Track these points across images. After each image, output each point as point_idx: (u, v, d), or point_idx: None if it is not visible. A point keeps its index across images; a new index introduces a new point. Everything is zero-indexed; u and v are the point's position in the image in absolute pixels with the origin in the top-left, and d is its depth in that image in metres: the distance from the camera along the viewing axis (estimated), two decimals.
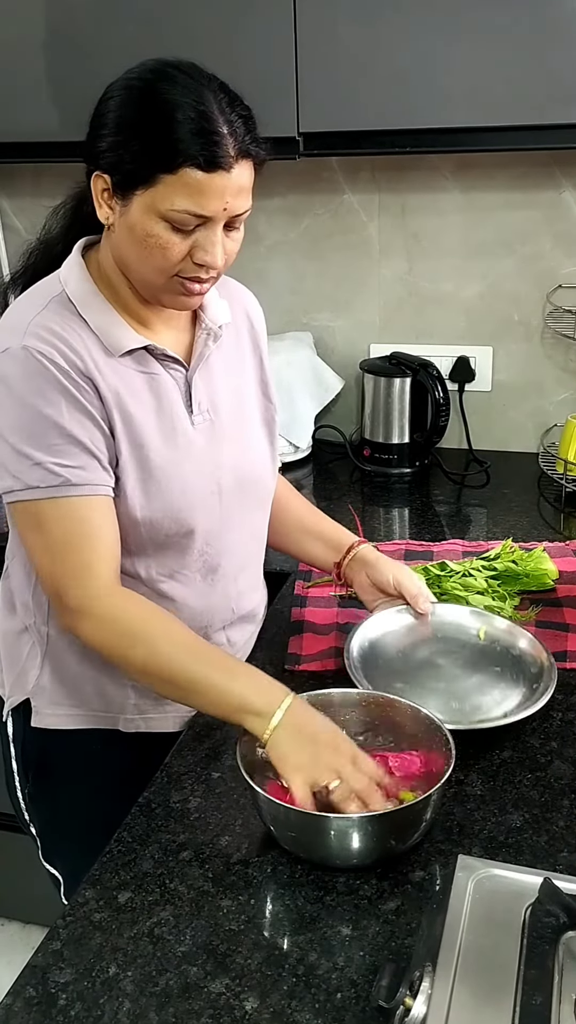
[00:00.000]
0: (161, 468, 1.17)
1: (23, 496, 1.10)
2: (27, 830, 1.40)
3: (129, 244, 1.09)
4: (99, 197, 1.09)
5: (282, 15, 1.65)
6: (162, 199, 1.03)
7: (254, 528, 1.34)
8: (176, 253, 1.07)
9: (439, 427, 2.05)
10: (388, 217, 2.11)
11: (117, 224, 1.09)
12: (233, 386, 1.28)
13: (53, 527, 1.10)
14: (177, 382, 1.20)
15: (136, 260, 1.10)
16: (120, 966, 0.88)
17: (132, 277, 1.14)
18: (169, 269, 1.09)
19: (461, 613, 1.32)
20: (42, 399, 1.08)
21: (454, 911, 0.83)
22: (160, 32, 1.72)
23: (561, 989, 0.75)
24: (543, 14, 1.55)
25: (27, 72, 1.82)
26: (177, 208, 1.04)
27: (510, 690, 1.19)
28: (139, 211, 1.05)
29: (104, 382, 1.12)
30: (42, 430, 1.08)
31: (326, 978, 0.86)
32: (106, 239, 1.15)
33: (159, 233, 1.06)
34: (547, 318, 2.07)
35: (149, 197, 1.04)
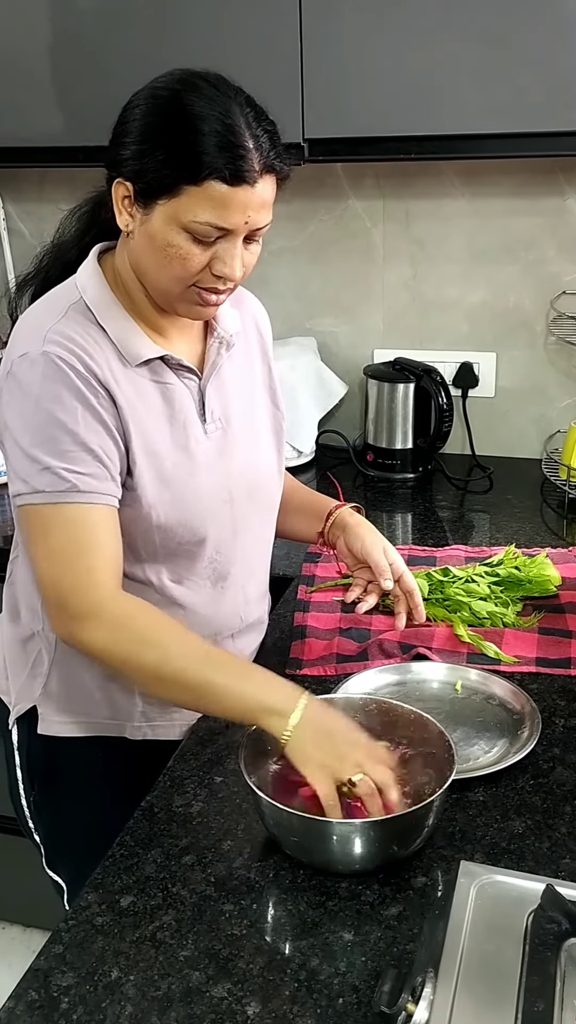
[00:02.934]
0: (176, 477, 1.17)
1: (30, 500, 1.10)
2: (31, 837, 1.40)
3: (148, 252, 1.09)
4: (119, 204, 1.09)
5: (288, 21, 1.66)
6: (185, 210, 1.04)
7: (262, 536, 1.34)
8: (195, 264, 1.08)
9: (442, 432, 2.05)
10: (392, 223, 2.11)
11: (137, 231, 1.09)
12: (244, 395, 1.29)
13: (58, 532, 1.10)
14: (191, 391, 1.21)
15: (154, 268, 1.10)
16: (122, 970, 0.88)
17: (149, 285, 1.14)
18: (187, 279, 1.09)
19: (435, 669, 1.31)
20: (59, 404, 1.08)
21: (456, 917, 0.83)
22: (166, 38, 1.72)
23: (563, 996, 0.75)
24: (548, 21, 1.56)
25: (33, 76, 1.83)
26: (200, 220, 1.04)
27: (496, 738, 1.19)
28: (161, 220, 1.06)
29: (120, 392, 1.12)
30: (55, 435, 1.08)
31: (328, 983, 0.86)
32: (123, 246, 1.16)
33: (180, 243, 1.06)
34: (551, 324, 2.07)
35: (172, 207, 1.05)
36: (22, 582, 1.27)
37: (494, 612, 1.44)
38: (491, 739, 1.19)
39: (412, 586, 1.33)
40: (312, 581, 1.59)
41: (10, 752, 1.34)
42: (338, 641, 1.41)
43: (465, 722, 1.22)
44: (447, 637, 1.41)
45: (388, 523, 1.93)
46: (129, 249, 1.13)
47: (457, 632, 1.40)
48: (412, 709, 1.10)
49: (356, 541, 1.34)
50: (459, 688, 1.29)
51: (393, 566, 1.32)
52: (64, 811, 1.33)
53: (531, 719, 1.19)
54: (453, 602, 1.46)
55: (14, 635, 1.30)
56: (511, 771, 1.12)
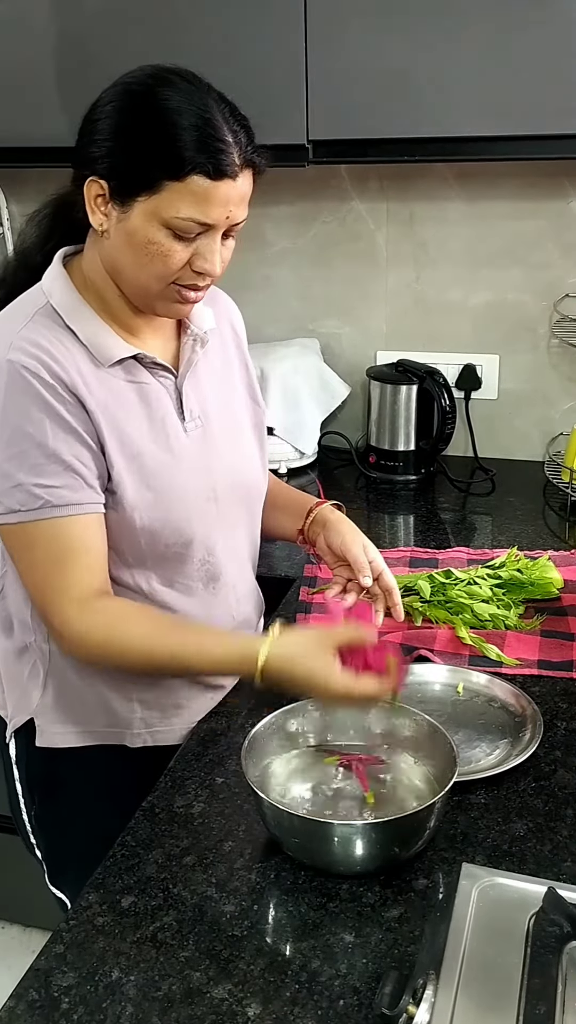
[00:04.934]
0: (158, 477, 1.17)
1: (6, 520, 1.09)
2: (32, 853, 1.38)
3: (127, 251, 1.08)
4: (92, 203, 1.07)
5: (292, 23, 1.66)
6: (167, 206, 1.03)
7: (250, 533, 1.34)
8: (177, 261, 1.07)
9: (445, 435, 2.05)
10: (396, 225, 2.12)
11: (113, 230, 1.08)
12: (222, 392, 1.28)
13: (35, 549, 1.10)
14: (168, 390, 1.20)
15: (133, 267, 1.09)
16: (123, 970, 0.88)
17: (126, 285, 1.12)
18: (168, 276, 1.08)
19: (437, 671, 1.31)
20: (25, 418, 1.06)
21: (458, 919, 0.83)
22: (170, 39, 1.72)
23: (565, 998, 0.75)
24: (552, 24, 1.56)
25: (36, 77, 1.83)
26: (182, 216, 1.04)
27: (498, 740, 1.19)
28: (141, 217, 1.05)
29: (92, 396, 1.11)
30: (24, 449, 1.07)
31: (329, 985, 0.86)
32: (95, 246, 1.13)
33: (161, 240, 1.05)
34: (554, 327, 2.07)
35: (152, 204, 1.04)
36: (12, 595, 1.24)
37: (496, 614, 1.44)
38: (493, 741, 1.19)
39: (391, 584, 1.30)
40: (314, 582, 1.59)
41: (8, 766, 1.33)
42: None
43: (467, 724, 1.22)
44: (449, 639, 1.41)
45: (390, 525, 1.93)
46: (103, 249, 1.11)
47: (459, 634, 1.40)
48: (413, 711, 1.10)
49: (336, 538, 1.32)
50: (461, 690, 1.29)
51: (373, 564, 1.29)
52: (66, 824, 1.32)
53: (533, 722, 1.19)
54: (455, 604, 1.46)
55: (8, 648, 1.28)
56: (513, 774, 1.12)
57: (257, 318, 2.26)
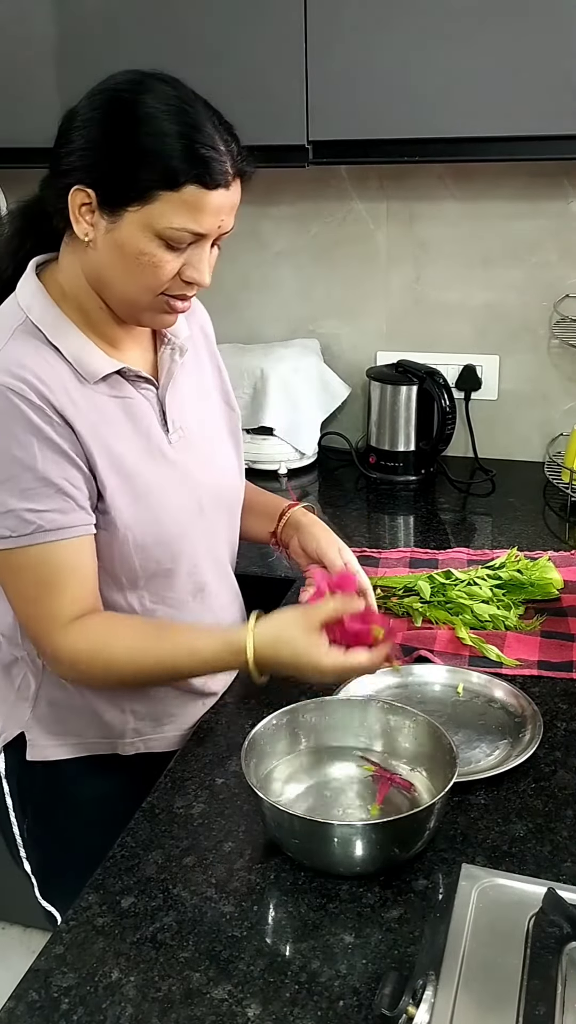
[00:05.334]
0: (150, 495, 1.15)
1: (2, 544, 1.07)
2: (21, 868, 1.36)
3: (116, 261, 1.05)
4: (76, 212, 1.04)
5: (292, 24, 1.66)
6: (160, 216, 1.01)
7: (229, 539, 1.33)
8: (168, 271, 1.05)
9: (445, 435, 2.06)
10: (396, 225, 2.12)
11: (100, 241, 1.05)
12: (199, 400, 1.27)
13: (24, 573, 1.09)
14: (151, 402, 1.18)
15: (123, 278, 1.06)
16: (123, 971, 0.88)
17: (113, 296, 1.09)
18: (158, 287, 1.06)
19: (437, 672, 1.31)
20: (14, 441, 1.04)
21: (457, 920, 0.83)
22: (171, 39, 1.72)
23: (564, 999, 0.75)
24: (552, 24, 1.56)
25: (36, 78, 1.83)
26: (175, 226, 1.02)
27: (498, 741, 1.19)
28: (131, 228, 1.02)
29: (80, 416, 1.08)
30: (14, 474, 1.04)
31: (328, 986, 0.86)
32: (74, 255, 1.10)
33: (152, 251, 1.03)
34: (554, 328, 2.07)
35: (145, 214, 1.01)
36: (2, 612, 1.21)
37: (496, 615, 1.44)
38: (493, 742, 1.19)
39: (366, 586, 1.27)
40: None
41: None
42: None
43: (467, 725, 1.22)
44: (449, 640, 1.41)
45: (390, 525, 1.93)
46: (88, 259, 1.08)
47: (459, 635, 1.40)
48: (413, 712, 1.10)
49: (311, 541, 1.31)
50: (461, 691, 1.29)
51: (348, 566, 1.28)
52: (58, 836, 1.30)
53: (533, 722, 1.19)
54: (455, 605, 1.46)
55: (3, 667, 1.25)
56: (513, 774, 1.12)
57: (257, 318, 2.27)
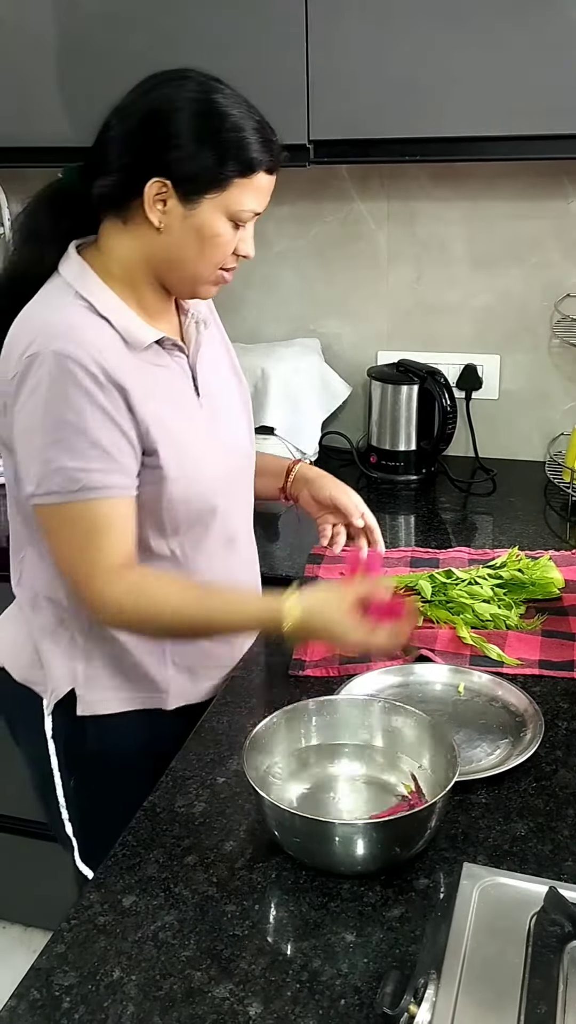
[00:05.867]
0: (190, 452, 1.24)
1: (43, 500, 1.15)
2: (60, 832, 1.40)
3: (192, 242, 1.17)
4: (151, 202, 1.14)
5: (294, 23, 1.66)
6: (235, 201, 1.15)
7: (248, 499, 1.43)
8: (231, 248, 1.19)
9: (446, 435, 2.06)
10: (397, 225, 2.12)
11: (178, 225, 1.16)
12: (218, 369, 1.37)
13: (68, 529, 1.16)
14: (183, 369, 1.27)
15: (196, 256, 1.18)
16: (124, 970, 0.88)
17: (181, 273, 1.20)
18: (223, 262, 1.20)
19: (438, 671, 1.32)
20: (68, 406, 1.11)
21: (459, 919, 0.83)
22: (172, 40, 1.72)
23: (566, 998, 0.75)
24: (553, 24, 1.56)
25: (39, 77, 1.83)
26: (246, 208, 1.16)
27: (499, 740, 1.19)
28: (209, 213, 1.15)
29: (131, 381, 1.16)
30: (66, 435, 1.12)
31: (330, 984, 0.86)
32: (132, 240, 1.19)
33: (225, 231, 1.17)
34: (555, 327, 2.07)
35: (222, 200, 1.15)
36: (38, 575, 1.29)
37: (497, 614, 1.44)
38: (494, 741, 1.19)
39: (373, 524, 1.44)
40: (315, 582, 1.59)
41: (43, 745, 1.35)
42: None
43: (468, 724, 1.22)
44: (450, 639, 1.41)
45: (391, 525, 1.93)
46: (156, 242, 1.17)
47: (460, 634, 1.40)
48: (415, 711, 1.10)
49: (323, 490, 1.44)
50: (462, 690, 1.29)
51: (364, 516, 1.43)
52: (102, 794, 1.32)
53: (534, 721, 1.19)
54: (456, 604, 1.46)
55: (41, 624, 1.31)
56: (514, 773, 1.12)
57: (258, 318, 2.27)
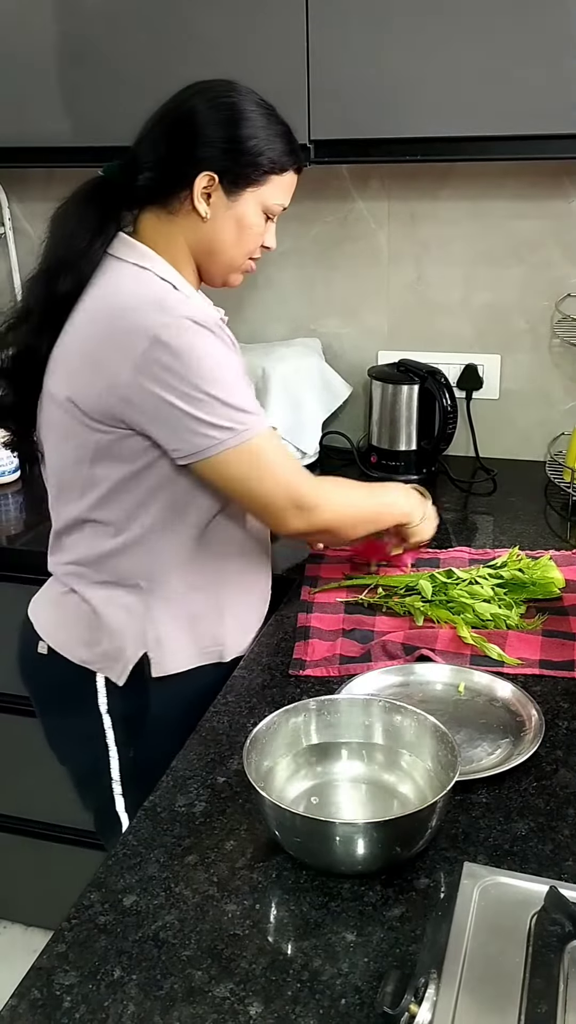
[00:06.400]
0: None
1: (243, 438, 1.24)
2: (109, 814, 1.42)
3: (232, 231, 1.32)
4: (199, 194, 1.28)
5: (294, 23, 1.66)
6: (270, 195, 1.32)
7: None
8: (261, 238, 1.36)
9: (446, 434, 2.06)
10: (397, 225, 2.12)
11: (220, 216, 1.30)
12: None
13: (273, 454, 1.29)
14: None
15: (234, 245, 1.33)
16: (125, 969, 0.88)
17: (219, 259, 1.34)
18: (253, 251, 1.36)
19: (439, 671, 1.32)
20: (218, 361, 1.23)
21: (459, 918, 0.83)
22: (172, 39, 1.73)
23: (567, 998, 0.75)
24: (553, 24, 1.56)
25: (40, 77, 1.83)
26: (278, 202, 1.34)
27: (499, 740, 1.19)
28: (249, 205, 1.31)
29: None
30: (234, 382, 1.24)
31: (330, 984, 0.86)
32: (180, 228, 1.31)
33: (259, 223, 1.33)
34: (555, 327, 2.07)
35: (260, 194, 1.31)
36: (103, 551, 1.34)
37: (498, 614, 1.44)
38: (494, 741, 1.19)
39: None
40: (316, 582, 1.59)
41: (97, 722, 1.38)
42: (341, 642, 1.41)
43: (468, 724, 1.22)
44: (450, 639, 1.41)
45: None
46: (199, 231, 1.31)
47: (460, 634, 1.40)
48: (415, 711, 1.10)
49: None
50: (462, 690, 1.29)
51: None
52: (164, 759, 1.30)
53: (534, 721, 1.19)
54: (457, 604, 1.46)
55: (105, 598, 1.36)
56: (514, 773, 1.12)
57: (259, 318, 2.26)
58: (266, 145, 1.28)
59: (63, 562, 1.40)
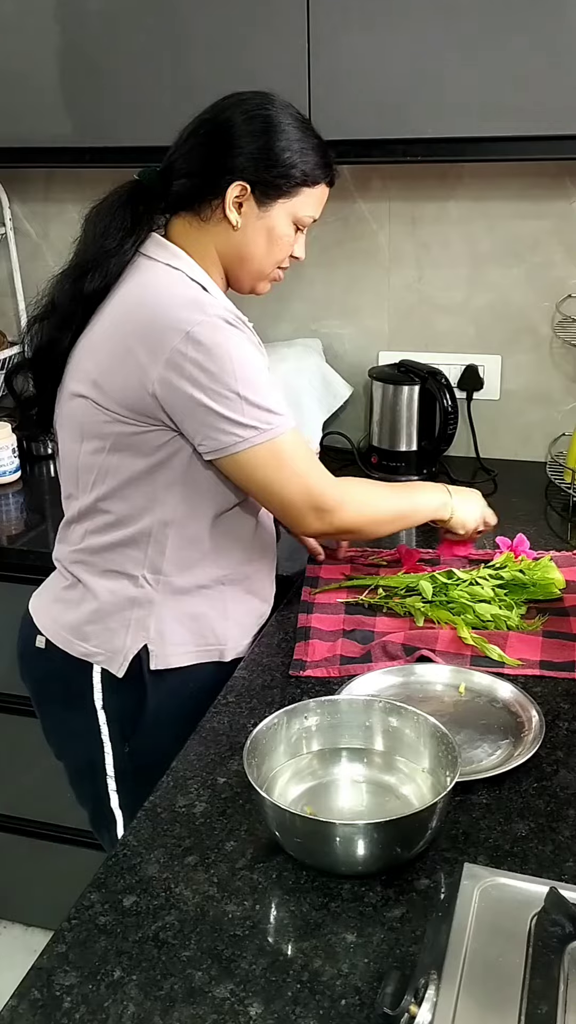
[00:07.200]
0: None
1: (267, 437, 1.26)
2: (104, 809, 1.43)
3: (262, 241, 1.34)
4: (231, 203, 1.30)
5: (295, 24, 1.66)
6: (301, 207, 1.34)
7: None
8: (290, 249, 1.37)
9: (447, 435, 2.06)
10: (398, 225, 2.12)
11: (251, 225, 1.32)
12: None
13: (297, 453, 1.31)
14: None
15: (264, 254, 1.35)
16: (125, 970, 0.88)
17: (249, 267, 1.36)
18: (282, 261, 1.38)
19: (439, 672, 1.32)
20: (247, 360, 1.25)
21: (459, 919, 0.83)
22: (173, 40, 1.73)
23: (567, 999, 0.75)
24: (555, 25, 1.56)
25: (40, 78, 1.83)
26: (308, 213, 1.35)
27: (500, 741, 1.19)
28: (280, 216, 1.33)
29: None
30: (262, 382, 1.26)
31: (330, 985, 0.86)
32: (211, 236, 1.33)
33: (289, 233, 1.35)
34: (556, 328, 2.07)
35: (291, 205, 1.33)
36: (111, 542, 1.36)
37: (498, 615, 1.44)
38: (495, 742, 1.19)
39: None
40: (316, 583, 1.59)
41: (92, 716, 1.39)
42: (342, 643, 1.41)
43: (469, 725, 1.22)
44: (451, 640, 1.41)
45: None
46: (230, 239, 1.33)
47: (461, 635, 1.40)
48: (416, 711, 1.10)
49: None
50: (463, 691, 1.29)
51: None
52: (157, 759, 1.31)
53: (535, 722, 1.19)
54: (457, 605, 1.46)
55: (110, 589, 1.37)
56: (515, 774, 1.12)
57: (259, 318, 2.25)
58: (299, 158, 1.30)
59: (70, 550, 1.41)
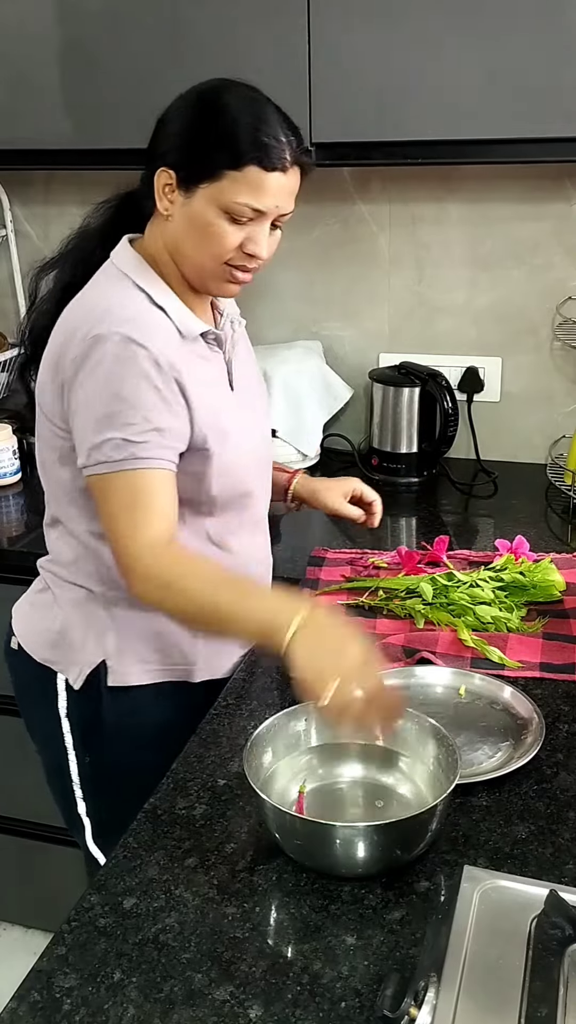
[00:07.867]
0: (232, 439, 1.29)
1: (95, 470, 1.19)
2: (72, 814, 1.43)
3: (189, 232, 1.22)
4: (161, 191, 1.22)
5: (296, 26, 1.66)
6: (225, 192, 1.17)
7: (269, 487, 1.48)
8: (230, 242, 1.21)
9: (447, 437, 2.06)
10: (398, 227, 2.12)
11: (177, 214, 1.22)
12: (247, 366, 1.43)
13: (115, 497, 1.19)
14: (221, 364, 1.34)
15: (193, 247, 1.23)
16: (125, 972, 0.88)
17: (186, 264, 1.25)
18: (222, 256, 1.22)
19: (439, 674, 1.32)
20: (124, 382, 1.17)
21: (459, 922, 0.83)
22: (174, 42, 1.73)
23: (567, 1001, 0.75)
24: (555, 27, 1.56)
25: (40, 80, 1.83)
26: (238, 201, 1.18)
27: (500, 743, 1.19)
28: (202, 202, 1.19)
29: (183, 369, 1.21)
30: (120, 409, 1.17)
31: (330, 987, 0.86)
32: (158, 229, 1.26)
33: (218, 223, 1.19)
34: (556, 330, 2.07)
35: (214, 190, 1.18)
36: (69, 552, 1.34)
37: (498, 617, 1.44)
38: (495, 744, 1.19)
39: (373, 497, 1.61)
40: (316, 585, 1.59)
41: (56, 724, 1.37)
42: None
43: (469, 727, 1.22)
44: (451, 642, 1.41)
45: (392, 527, 1.92)
46: (166, 231, 1.25)
47: (461, 637, 1.40)
48: (416, 713, 1.10)
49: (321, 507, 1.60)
50: (463, 693, 1.29)
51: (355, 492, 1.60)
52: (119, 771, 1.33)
53: (535, 724, 1.19)
54: (457, 607, 1.46)
55: (73, 598, 1.35)
56: (515, 776, 1.12)
57: (260, 320, 2.26)
58: (224, 139, 1.16)
59: (43, 559, 1.42)
